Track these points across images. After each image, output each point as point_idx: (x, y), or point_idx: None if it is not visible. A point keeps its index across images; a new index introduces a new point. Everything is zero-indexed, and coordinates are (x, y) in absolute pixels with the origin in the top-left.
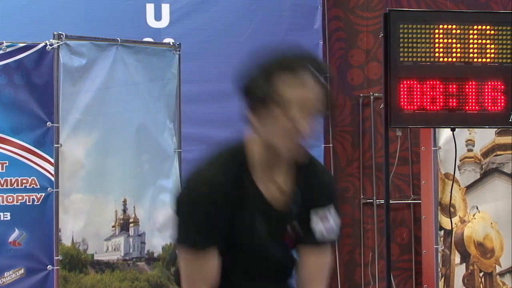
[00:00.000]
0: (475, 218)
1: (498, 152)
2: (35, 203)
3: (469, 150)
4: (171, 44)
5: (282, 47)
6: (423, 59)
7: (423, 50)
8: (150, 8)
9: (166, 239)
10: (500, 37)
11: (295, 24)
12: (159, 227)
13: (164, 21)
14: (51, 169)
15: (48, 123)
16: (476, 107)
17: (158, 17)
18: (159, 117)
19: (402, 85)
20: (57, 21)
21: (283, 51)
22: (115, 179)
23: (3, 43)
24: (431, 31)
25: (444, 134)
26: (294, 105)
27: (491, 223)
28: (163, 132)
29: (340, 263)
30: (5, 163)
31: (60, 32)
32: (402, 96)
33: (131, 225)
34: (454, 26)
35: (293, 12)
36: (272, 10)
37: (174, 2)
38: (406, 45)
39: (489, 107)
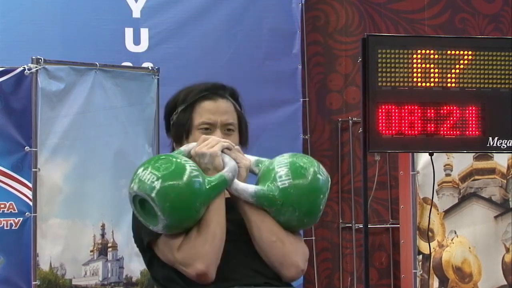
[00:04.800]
0: (453, 243)
1: (476, 177)
2: (12, 227)
3: (447, 175)
4: (150, 68)
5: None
6: (401, 84)
7: (401, 75)
8: (129, 32)
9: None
10: (478, 62)
11: (274, 49)
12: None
13: (143, 46)
14: (29, 193)
15: (26, 147)
16: (454, 132)
17: (137, 41)
18: (137, 141)
19: (380, 110)
20: (35, 45)
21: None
22: (93, 204)
23: None
24: (409, 56)
25: (422, 158)
26: (200, 126)
27: (469, 248)
28: (142, 156)
29: (318, 287)
30: None
31: (38, 57)
32: (380, 121)
33: (109, 249)
34: (432, 51)
35: (272, 37)
36: (251, 34)
37: (153, 26)
38: (384, 70)
39: (467, 132)
